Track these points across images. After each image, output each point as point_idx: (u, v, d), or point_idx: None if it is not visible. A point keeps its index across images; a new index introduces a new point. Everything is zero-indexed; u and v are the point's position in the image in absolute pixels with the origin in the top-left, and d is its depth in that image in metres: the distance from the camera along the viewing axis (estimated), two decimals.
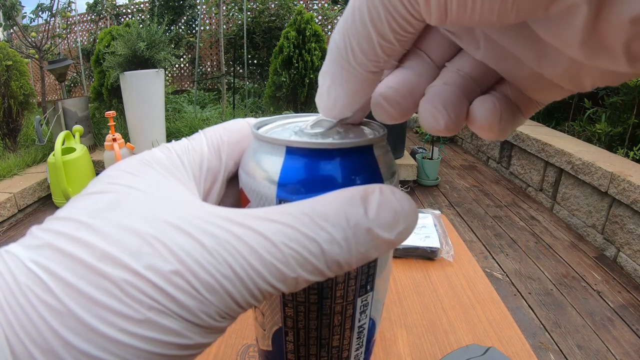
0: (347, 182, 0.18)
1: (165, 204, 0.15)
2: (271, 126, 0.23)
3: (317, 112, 0.21)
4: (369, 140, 0.19)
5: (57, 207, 2.83)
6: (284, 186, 0.18)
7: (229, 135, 0.21)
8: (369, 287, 0.21)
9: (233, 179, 0.21)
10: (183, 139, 0.20)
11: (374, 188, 0.15)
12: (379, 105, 0.17)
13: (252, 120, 0.22)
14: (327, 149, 0.18)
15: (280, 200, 0.18)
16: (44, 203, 2.97)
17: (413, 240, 0.71)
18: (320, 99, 0.18)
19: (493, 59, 0.16)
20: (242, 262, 0.13)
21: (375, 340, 0.25)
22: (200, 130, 0.21)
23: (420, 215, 0.81)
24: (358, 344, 0.23)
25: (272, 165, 0.19)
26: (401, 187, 2.72)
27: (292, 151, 0.18)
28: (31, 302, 0.12)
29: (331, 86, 0.17)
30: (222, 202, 0.21)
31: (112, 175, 0.16)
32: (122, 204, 0.14)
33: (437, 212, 0.83)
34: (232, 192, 0.22)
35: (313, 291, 0.20)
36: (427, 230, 0.75)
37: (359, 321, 0.22)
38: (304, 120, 0.23)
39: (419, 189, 3.05)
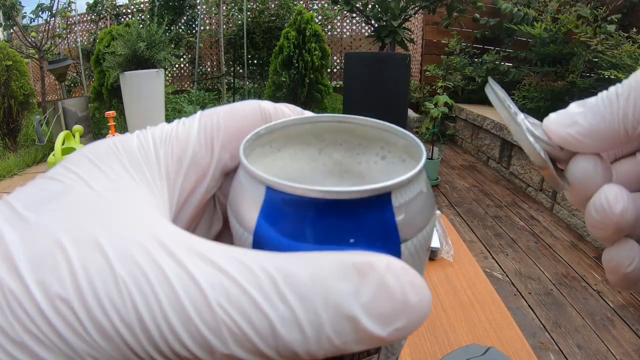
0: (343, 245, 0.13)
1: (106, 211, 0.12)
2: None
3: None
4: (383, 188, 0.13)
5: None
6: (260, 236, 0.14)
7: (229, 120, 0.17)
8: (372, 350, 0.17)
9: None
10: (175, 120, 0.17)
11: (381, 261, 0.11)
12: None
13: (265, 104, 0.18)
14: (319, 198, 0.13)
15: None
16: None
17: None
18: (560, 114, 0.18)
19: None
20: (155, 308, 0.10)
21: None
22: (199, 111, 0.17)
23: None
24: None
25: (250, 205, 0.14)
26: None
27: (273, 194, 0.14)
28: None
29: (582, 113, 0.17)
30: (217, 199, 0.19)
31: (74, 160, 0.14)
32: (62, 200, 0.12)
33: (437, 212, 0.82)
34: None
35: None
36: None
37: None
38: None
39: None
